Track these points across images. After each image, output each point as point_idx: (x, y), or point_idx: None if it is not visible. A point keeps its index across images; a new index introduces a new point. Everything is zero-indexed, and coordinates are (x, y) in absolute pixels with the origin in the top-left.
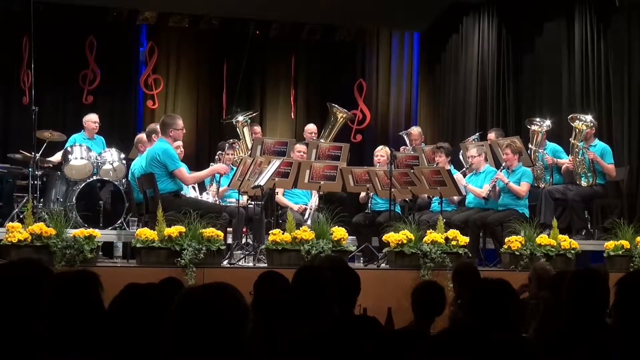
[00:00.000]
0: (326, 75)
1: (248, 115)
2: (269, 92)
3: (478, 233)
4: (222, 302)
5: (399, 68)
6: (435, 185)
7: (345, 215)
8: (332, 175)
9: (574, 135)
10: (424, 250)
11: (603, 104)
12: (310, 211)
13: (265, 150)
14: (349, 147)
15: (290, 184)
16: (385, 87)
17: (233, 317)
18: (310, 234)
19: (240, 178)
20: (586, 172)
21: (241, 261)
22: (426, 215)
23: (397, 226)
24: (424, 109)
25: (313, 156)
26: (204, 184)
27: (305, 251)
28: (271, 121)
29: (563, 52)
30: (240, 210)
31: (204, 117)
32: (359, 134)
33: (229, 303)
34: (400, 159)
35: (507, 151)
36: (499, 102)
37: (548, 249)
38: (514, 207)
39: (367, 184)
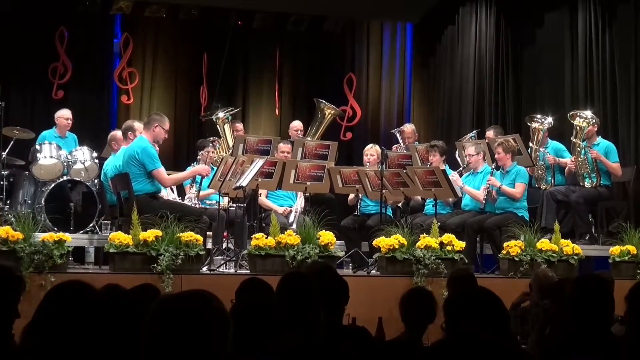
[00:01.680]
0: (313, 69)
1: (229, 112)
2: (251, 87)
3: (475, 237)
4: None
5: (391, 61)
6: (429, 186)
7: (333, 219)
8: (319, 175)
9: (575, 134)
10: (417, 256)
11: (608, 100)
12: (295, 214)
13: (248, 149)
14: (338, 146)
15: (274, 185)
16: (376, 82)
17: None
18: (296, 239)
19: (220, 179)
20: (589, 173)
21: (222, 267)
22: (419, 218)
23: (389, 230)
24: (417, 105)
25: (299, 155)
26: (182, 186)
27: (290, 257)
28: (254, 118)
29: (566, 44)
30: (221, 213)
31: (182, 114)
32: (349, 131)
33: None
34: (392, 158)
35: (498, 150)
36: (498, 98)
37: (549, 254)
38: (512, 210)
39: (357, 185)
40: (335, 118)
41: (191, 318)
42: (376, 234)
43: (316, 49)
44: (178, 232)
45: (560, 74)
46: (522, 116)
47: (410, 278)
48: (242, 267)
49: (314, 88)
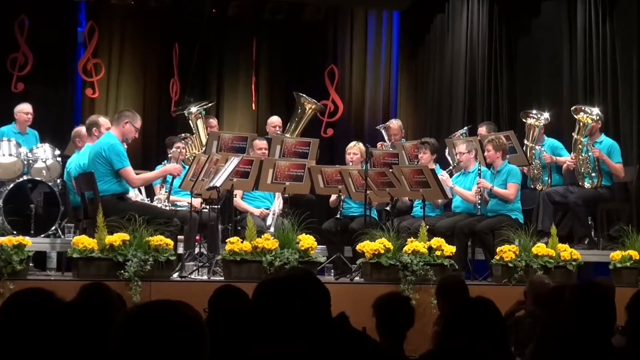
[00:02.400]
0: (292, 60)
1: (202, 106)
2: (226, 79)
3: (466, 242)
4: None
5: (376, 52)
6: (417, 186)
7: (314, 221)
8: (299, 175)
9: (577, 130)
10: (404, 262)
11: (609, 94)
12: (273, 216)
13: (222, 147)
14: (319, 143)
15: (250, 185)
16: (360, 75)
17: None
18: (274, 243)
19: (193, 178)
20: (590, 172)
21: (194, 274)
22: (407, 221)
23: (373, 234)
24: (404, 100)
25: (277, 153)
26: (152, 186)
27: (268, 262)
28: (229, 113)
29: (564, 35)
30: (193, 216)
31: (152, 108)
32: (330, 127)
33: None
34: (377, 156)
35: (488, 147)
36: (491, 92)
37: (546, 260)
38: (505, 212)
39: (339, 186)
40: (316, 113)
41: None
42: (360, 238)
43: (295, 39)
44: (147, 235)
45: (557, 67)
46: (516, 112)
47: (396, 285)
48: (215, 274)
49: (293, 81)
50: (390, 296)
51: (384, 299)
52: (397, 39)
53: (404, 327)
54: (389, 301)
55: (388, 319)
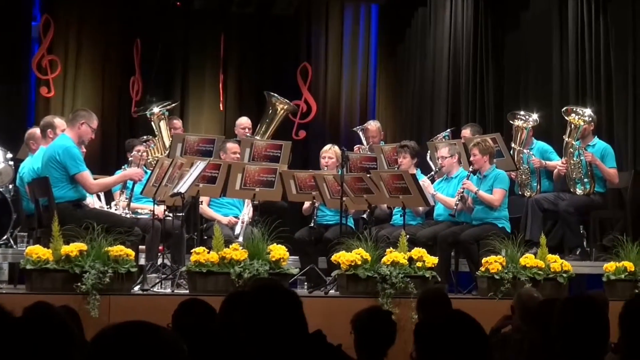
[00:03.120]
0: (263, 57)
1: (166, 107)
2: (191, 78)
3: (449, 252)
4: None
5: (353, 49)
6: (396, 193)
7: (286, 230)
8: (270, 180)
9: (569, 132)
10: (382, 274)
11: (602, 94)
12: (242, 225)
13: (187, 150)
14: (291, 146)
15: (217, 191)
16: (335, 72)
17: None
18: (242, 254)
19: (155, 184)
20: (582, 178)
21: (156, 287)
22: (385, 230)
23: (350, 244)
24: (383, 99)
25: (246, 157)
26: (111, 192)
27: (236, 274)
28: (194, 114)
29: (554, 30)
30: (156, 224)
31: (111, 109)
32: (303, 129)
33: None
34: (354, 160)
35: (474, 151)
36: (476, 92)
37: (535, 271)
38: (491, 220)
39: (313, 192)
40: (288, 114)
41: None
42: (335, 248)
43: (266, 35)
44: (106, 245)
45: (547, 64)
46: (503, 112)
47: (374, 299)
48: (180, 287)
49: (264, 80)
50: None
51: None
52: (375, 34)
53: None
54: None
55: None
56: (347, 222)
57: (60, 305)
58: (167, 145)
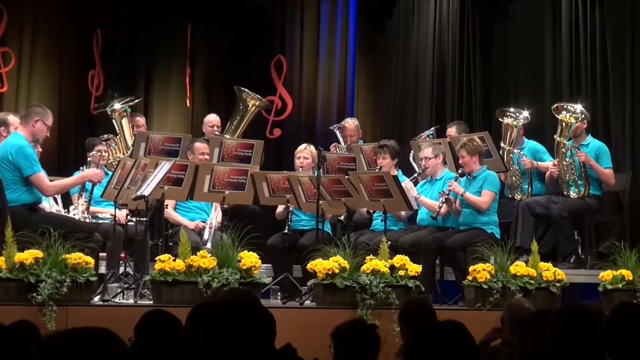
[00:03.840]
0: (233, 49)
1: (128, 102)
2: (156, 71)
3: (434, 260)
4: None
5: (330, 41)
6: (377, 196)
7: (258, 236)
8: (241, 182)
9: (560, 131)
10: (362, 283)
11: (598, 90)
12: (210, 230)
13: (152, 149)
14: (264, 145)
15: (184, 194)
16: (311, 66)
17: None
18: (211, 261)
19: (117, 186)
20: (576, 180)
21: (118, 297)
22: (365, 236)
23: (327, 251)
24: (363, 96)
25: (215, 157)
26: (69, 195)
27: (204, 284)
28: (159, 110)
29: (546, 22)
30: (117, 230)
31: (69, 105)
32: (277, 127)
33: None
34: (331, 161)
35: (462, 153)
36: (462, 87)
37: (526, 280)
38: (479, 225)
39: (287, 195)
40: (260, 111)
41: None
42: (311, 256)
43: (237, 25)
44: (63, 253)
45: (539, 58)
46: (492, 110)
47: (353, 310)
48: (143, 297)
49: (234, 73)
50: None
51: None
52: (354, 25)
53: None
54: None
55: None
56: (324, 227)
57: (18, 321)
58: (129, 145)
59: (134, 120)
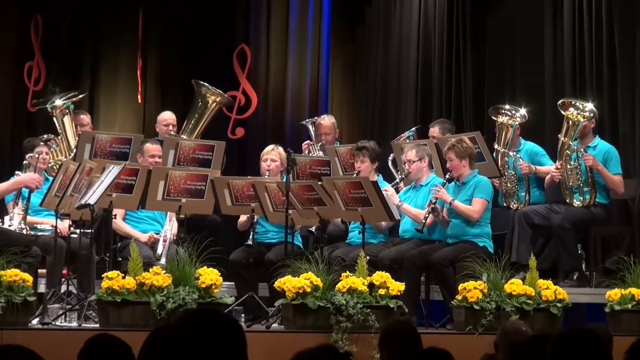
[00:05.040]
0: (190, 38)
1: (71, 98)
2: (103, 63)
3: (418, 277)
4: None
5: (301, 29)
6: (354, 204)
7: (219, 250)
8: (199, 189)
9: (565, 130)
10: (337, 303)
11: (605, 86)
12: (165, 244)
13: (98, 152)
14: (225, 147)
15: (135, 202)
16: (280, 57)
17: None
18: (165, 279)
19: (58, 193)
20: (581, 186)
21: (60, 320)
22: (341, 250)
23: (297, 266)
24: (338, 91)
25: (170, 160)
26: (3, 203)
27: (158, 304)
28: (107, 107)
29: (546, 6)
30: (59, 243)
31: (4, 101)
32: (241, 126)
33: None
34: (303, 165)
35: (449, 156)
36: (451, 82)
37: (522, 300)
38: (470, 238)
39: (252, 203)
40: (221, 108)
41: None
42: (279, 273)
43: (194, 11)
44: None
45: (538, 49)
46: (484, 107)
47: (327, 334)
48: (88, 320)
49: (192, 66)
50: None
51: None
52: (328, 12)
53: None
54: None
55: None
56: (294, 240)
57: None
58: (72, 146)
59: (77, 118)
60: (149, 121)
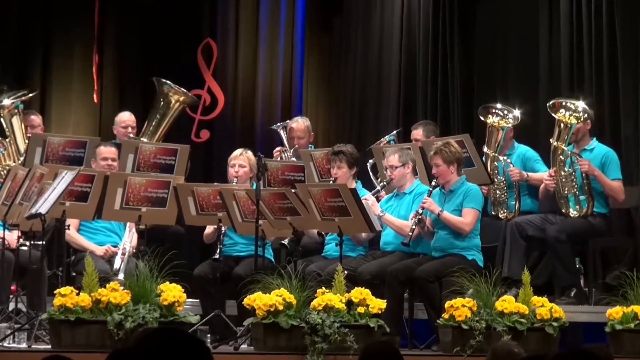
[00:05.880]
0: (151, 32)
1: (20, 97)
2: (56, 58)
3: (401, 293)
4: None
5: (273, 20)
6: (331, 214)
7: (183, 264)
8: (161, 197)
9: (557, 134)
10: (312, 322)
11: (605, 83)
12: (123, 257)
13: (50, 156)
14: (190, 151)
15: (90, 211)
16: (249, 53)
17: None
18: (124, 296)
19: (6, 202)
20: (577, 194)
21: (7, 340)
22: (316, 264)
23: (268, 282)
24: (313, 91)
25: (129, 165)
26: None
27: (115, 324)
28: (60, 107)
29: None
30: (7, 256)
31: None
32: (206, 128)
33: None
34: (274, 170)
35: (436, 161)
36: (437, 79)
37: (515, 319)
38: (458, 251)
39: (219, 213)
40: (185, 108)
41: None
42: (248, 289)
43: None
44: None
45: (532, 44)
46: (473, 107)
47: (301, 356)
48: (39, 340)
49: (153, 62)
50: None
51: None
52: (302, 4)
53: None
54: None
55: None
56: (264, 253)
57: None
58: (21, 150)
59: (27, 119)
60: (106, 122)
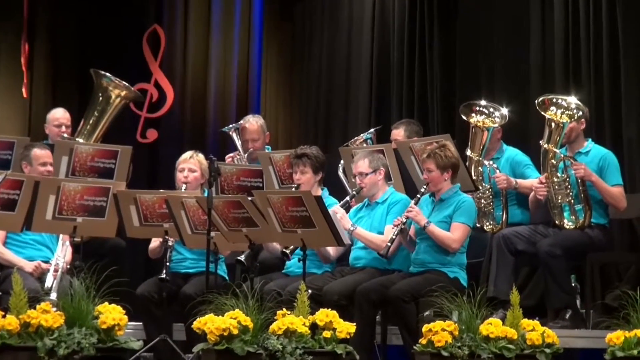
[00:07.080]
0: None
1: None
2: None
3: (373, 316)
4: None
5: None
6: (293, 225)
7: (123, 282)
8: (99, 205)
9: (548, 135)
10: (271, 349)
11: (604, 77)
12: (56, 274)
13: None
14: (133, 153)
15: (18, 222)
16: (200, 43)
17: None
18: (57, 318)
19: None
20: (572, 203)
21: None
22: (276, 282)
23: (221, 302)
24: (272, 86)
25: (63, 169)
26: None
27: (47, 350)
28: None
29: None
30: None
31: None
32: (153, 127)
33: None
34: (228, 175)
35: (428, 165)
36: (414, 74)
37: (502, 345)
38: (438, 267)
39: (165, 224)
40: (128, 104)
41: None
42: (199, 310)
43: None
44: None
45: (522, 34)
46: (455, 105)
47: None
48: None
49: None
50: None
51: None
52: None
53: None
54: None
55: None
56: (217, 269)
57: None
58: None
59: None
60: (37, 120)
